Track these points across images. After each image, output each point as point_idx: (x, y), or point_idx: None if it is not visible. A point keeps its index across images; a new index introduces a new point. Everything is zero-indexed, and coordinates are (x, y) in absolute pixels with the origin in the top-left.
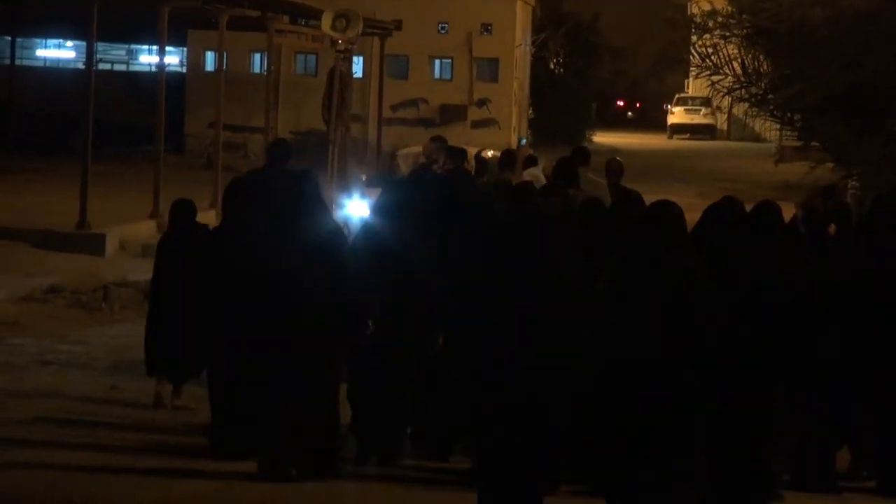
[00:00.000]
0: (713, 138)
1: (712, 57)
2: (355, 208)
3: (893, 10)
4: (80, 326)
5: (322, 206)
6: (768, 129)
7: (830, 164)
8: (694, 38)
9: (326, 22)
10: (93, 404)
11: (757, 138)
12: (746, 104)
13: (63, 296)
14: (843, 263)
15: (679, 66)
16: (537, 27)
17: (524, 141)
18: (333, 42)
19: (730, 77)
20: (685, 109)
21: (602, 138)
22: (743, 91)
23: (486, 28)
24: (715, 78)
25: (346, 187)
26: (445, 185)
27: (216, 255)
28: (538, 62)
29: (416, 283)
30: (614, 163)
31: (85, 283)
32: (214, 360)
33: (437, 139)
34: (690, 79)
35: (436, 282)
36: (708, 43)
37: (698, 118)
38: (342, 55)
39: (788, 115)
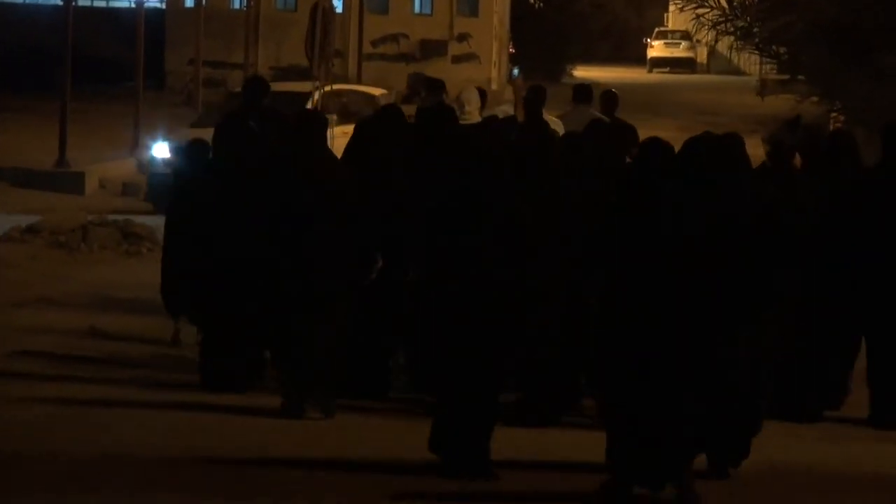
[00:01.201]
0: (693, 72)
1: None
2: (159, 150)
3: None
4: (59, 266)
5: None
6: (749, 62)
7: (815, 98)
8: None
9: None
10: (78, 340)
11: (737, 72)
12: (731, 38)
13: (42, 235)
14: (809, 196)
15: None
16: None
17: (517, 72)
18: None
19: (715, 10)
20: (665, 43)
21: (582, 72)
22: (728, 24)
23: None
24: (700, 11)
25: None
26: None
27: (228, 193)
28: None
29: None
30: (610, 95)
31: (64, 223)
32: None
33: (416, 74)
34: (670, 13)
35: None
36: None
37: (678, 52)
38: None
39: (774, 48)
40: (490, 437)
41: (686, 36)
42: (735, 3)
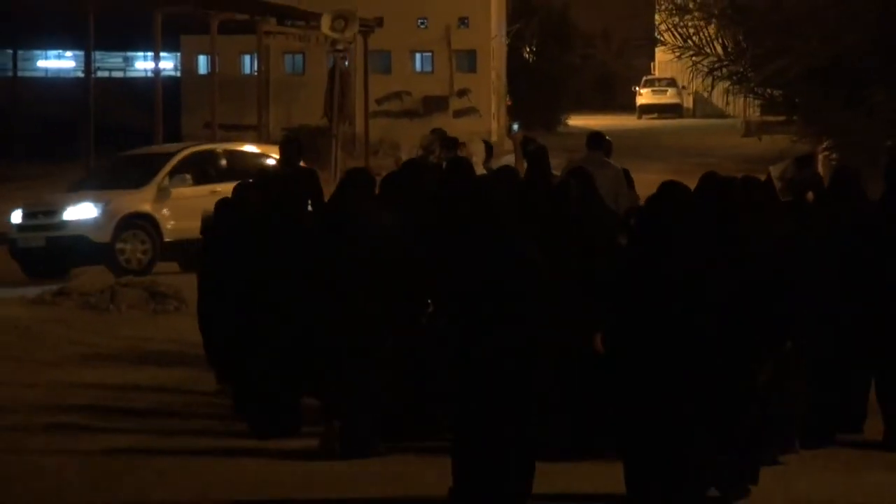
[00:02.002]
0: (680, 116)
1: (693, 38)
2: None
3: None
4: (91, 326)
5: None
6: (733, 105)
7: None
8: (675, 19)
9: (326, 23)
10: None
11: (722, 115)
12: (728, 82)
13: (72, 298)
14: (821, 229)
15: (645, 49)
16: (511, 18)
17: (516, 127)
18: (333, 42)
19: (711, 57)
20: (652, 90)
21: (576, 121)
22: (724, 70)
23: (464, 21)
24: (696, 59)
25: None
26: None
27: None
28: (513, 51)
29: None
30: (598, 137)
31: (92, 285)
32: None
33: (436, 131)
34: (656, 62)
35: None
36: (689, 24)
37: (665, 98)
38: (341, 54)
39: (769, 91)
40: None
41: (672, 83)
42: (730, 50)
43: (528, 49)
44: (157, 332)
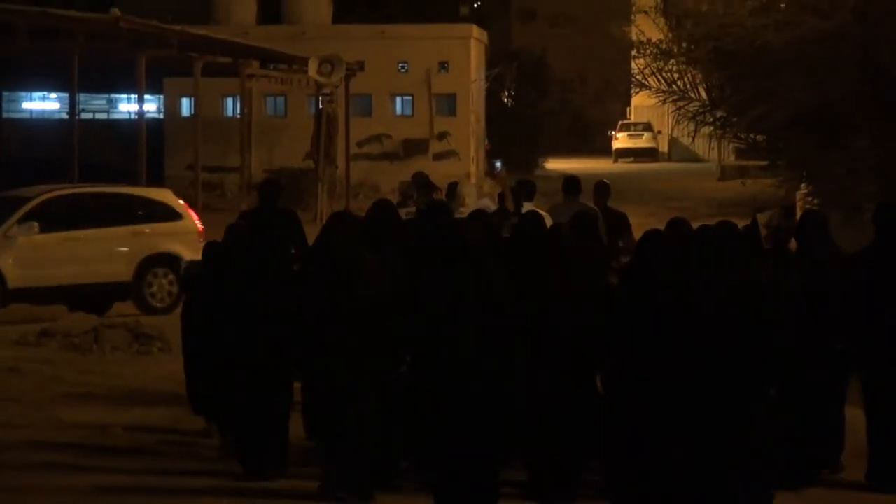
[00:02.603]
0: (655, 160)
1: (678, 82)
2: None
3: (856, 31)
4: (75, 367)
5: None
6: (707, 149)
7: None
8: (660, 63)
9: (313, 67)
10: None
11: (696, 159)
12: (711, 128)
13: (55, 338)
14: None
15: (621, 94)
16: (490, 63)
17: (499, 166)
18: (320, 86)
19: (696, 102)
20: (629, 135)
21: (553, 164)
22: (707, 115)
23: (444, 66)
24: (680, 103)
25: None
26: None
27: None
28: (492, 95)
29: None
30: (603, 185)
31: (76, 325)
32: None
33: (418, 174)
34: (632, 106)
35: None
36: (674, 69)
37: (641, 142)
38: (328, 98)
39: (752, 136)
40: None
41: (648, 128)
42: (714, 95)
43: (506, 93)
44: (141, 373)
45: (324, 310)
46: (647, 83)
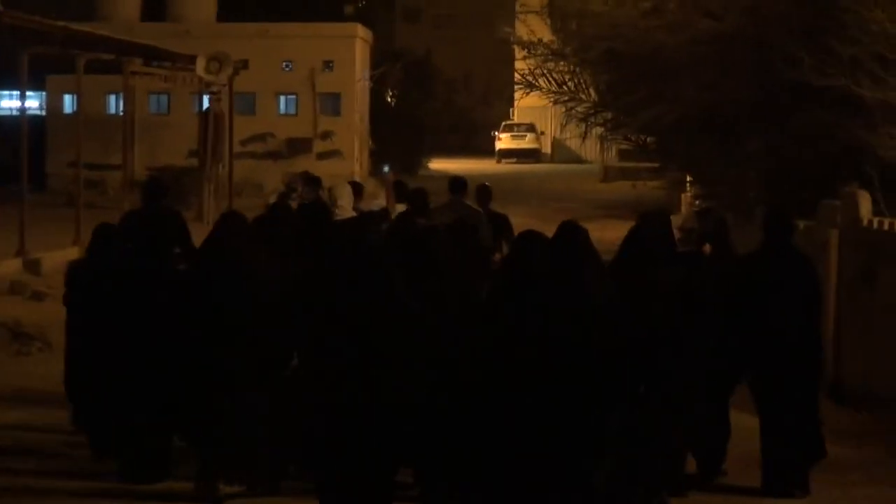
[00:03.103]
0: (538, 161)
1: (569, 83)
2: None
3: (747, 33)
4: None
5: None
6: (590, 151)
7: (655, 183)
8: (551, 64)
9: (200, 65)
10: None
11: (579, 160)
12: (602, 129)
13: None
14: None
15: (504, 95)
16: (375, 62)
17: (387, 169)
18: (207, 84)
19: (586, 103)
20: (512, 135)
21: (437, 164)
22: (598, 116)
23: (328, 65)
24: (570, 104)
25: None
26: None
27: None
28: (376, 95)
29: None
30: (485, 188)
31: None
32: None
33: (303, 174)
34: (516, 107)
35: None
36: (564, 69)
37: (524, 143)
38: (216, 96)
39: (642, 138)
40: None
41: (531, 128)
42: (604, 97)
43: (390, 93)
44: (21, 374)
45: (215, 308)
46: (536, 84)
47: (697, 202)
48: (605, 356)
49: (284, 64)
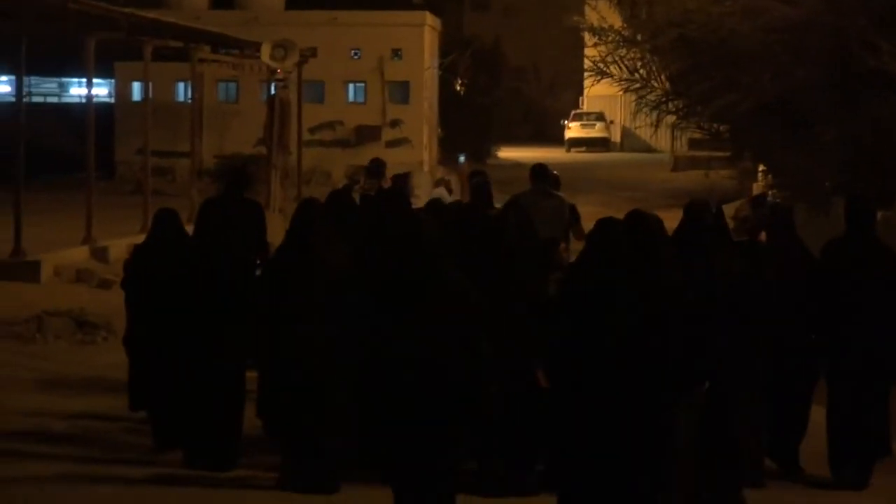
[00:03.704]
0: (608, 150)
1: (641, 70)
2: None
3: (824, 19)
4: (14, 357)
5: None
6: (660, 140)
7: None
8: (622, 51)
9: (266, 52)
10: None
11: (649, 149)
12: (674, 117)
13: None
14: (783, 269)
15: (574, 84)
16: (443, 50)
17: (463, 158)
18: (273, 71)
19: (658, 90)
20: (581, 124)
21: (506, 153)
22: (670, 104)
23: (397, 53)
24: (642, 92)
25: None
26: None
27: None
28: (444, 83)
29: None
30: (551, 176)
31: (19, 313)
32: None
33: (375, 161)
34: (585, 96)
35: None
36: (636, 57)
37: (594, 132)
38: (282, 83)
39: (715, 126)
40: None
41: (601, 117)
42: (677, 84)
43: (459, 81)
44: (84, 362)
45: (297, 302)
46: (607, 71)
47: (771, 192)
48: (680, 346)
49: (353, 52)
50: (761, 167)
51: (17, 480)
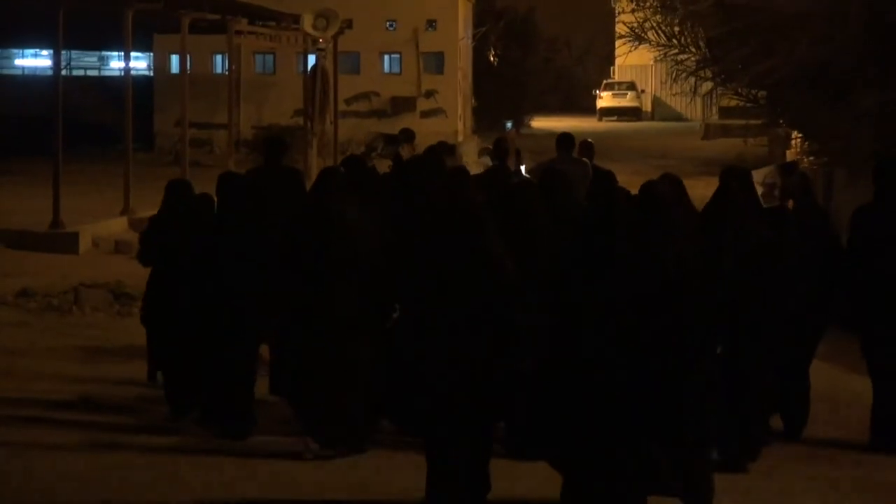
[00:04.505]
0: (639, 119)
1: (679, 37)
2: None
3: None
4: (51, 329)
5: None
6: (691, 108)
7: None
8: (658, 18)
9: (308, 21)
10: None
11: (679, 118)
12: (710, 83)
13: (34, 299)
14: (806, 236)
15: (605, 54)
16: (476, 21)
17: (510, 125)
18: (315, 41)
19: (695, 56)
20: (613, 94)
21: (539, 123)
22: (707, 71)
23: (431, 24)
24: (681, 57)
25: None
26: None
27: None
28: (478, 54)
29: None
30: (587, 144)
31: (56, 285)
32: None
33: (404, 131)
34: (616, 66)
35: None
36: (675, 23)
37: (625, 101)
38: (323, 52)
39: (753, 92)
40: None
41: (632, 87)
42: (714, 50)
43: (492, 52)
44: (120, 333)
45: (316, 265)
46: (645, 37)
47: (809, 158)
48: (680, 311)
49: (388, 23)
50: (795, 134)
51: (30, 445)
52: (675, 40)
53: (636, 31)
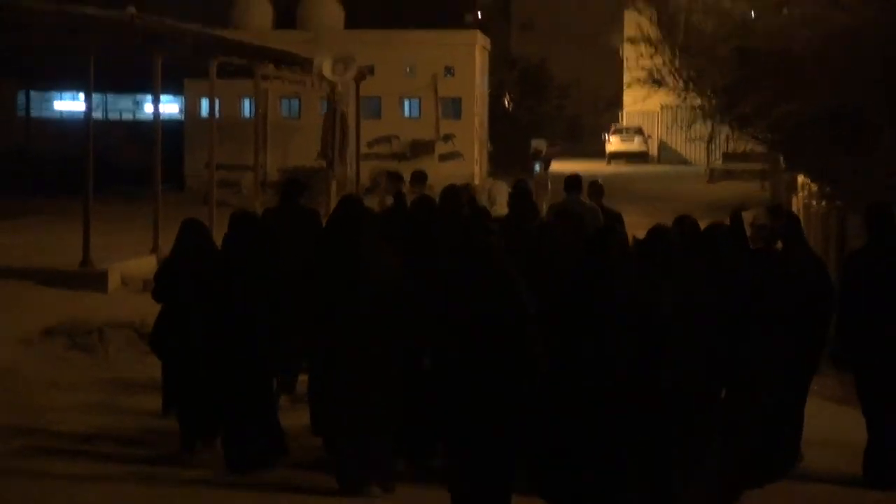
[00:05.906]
0: (646, 163)
1: (696, 81)
2: None
3: (880, 25)
4: (75, 368)
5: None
6: (695, 153)
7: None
8: (676, 62)
9: (327, 66)
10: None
11: (685, 162)
12: (706, 132)
13: (60, 339)
14: (792, 277)
15: (613, 100)
16: (493, 69)
17: (538, 168)
18: (333, 85)
19: (713, 99)
20: (621, 138)
21: (552, 166)
22: (725, 114)
23: (449, 71)
24: (696, 102)
25: None
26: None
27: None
28: (494, 100)
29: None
30: (596, 185)
31: (82, 325)
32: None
33: (415, 173)
34: (624, 112)
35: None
36: (692, 68)
37: (633, 146)
38: (339, 97)
39: (770, 135)
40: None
41: (639, 132)
42: (731, 94)
43: (507, 98)
44: (144, 372)
45: (345, 302)
46: (663, 81)
47: (823, 203)
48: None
49: (408, 69)
50: (802, 177)
51: (47, 476)
52: (691, 83)
53: (655, 76)
